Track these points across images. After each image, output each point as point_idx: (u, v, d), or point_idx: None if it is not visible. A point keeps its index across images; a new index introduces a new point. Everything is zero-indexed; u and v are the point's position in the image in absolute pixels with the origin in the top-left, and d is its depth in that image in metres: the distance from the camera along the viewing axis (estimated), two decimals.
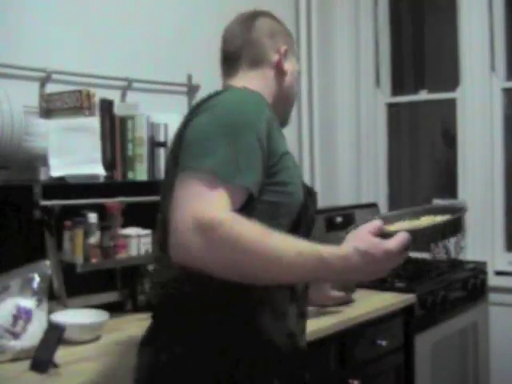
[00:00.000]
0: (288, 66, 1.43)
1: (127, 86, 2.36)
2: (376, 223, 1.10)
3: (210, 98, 1.24)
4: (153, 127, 2.19)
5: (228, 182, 1.09)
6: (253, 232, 1.05)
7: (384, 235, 1.09)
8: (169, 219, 1.09)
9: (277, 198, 1.22)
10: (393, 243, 1.05)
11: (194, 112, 1.23)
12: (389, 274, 1.14)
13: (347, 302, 2.19)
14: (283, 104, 1.43)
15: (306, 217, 1.32)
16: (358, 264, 1.05)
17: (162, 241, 1.22)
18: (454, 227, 1.17)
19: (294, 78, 1.45)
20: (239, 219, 1.06)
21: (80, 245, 1.98)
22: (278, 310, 1.27)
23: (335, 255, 1.06)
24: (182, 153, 1.16)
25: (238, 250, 1.03)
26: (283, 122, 1.44)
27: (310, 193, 1.37)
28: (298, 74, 1.51)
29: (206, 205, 1.05)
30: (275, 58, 1.41)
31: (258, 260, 1.04)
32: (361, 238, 1.07)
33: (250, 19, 1.44)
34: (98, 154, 2.01)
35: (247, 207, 1.14)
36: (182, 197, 1.08)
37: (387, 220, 1.20)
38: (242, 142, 1.13)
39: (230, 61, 1.44)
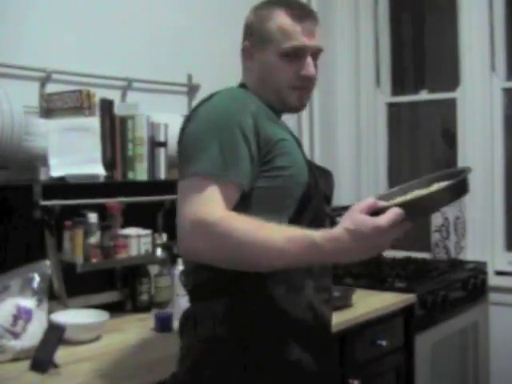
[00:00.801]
0: (256, 57, 1.42)
1: (127, 85, 2.36)
2: (367, 200, 1.11)
3: (198, 105, 1.34)
4: (153, 127, 2.19)
5: (217, 182, 1.19)
6: (244, 225, 1.14)
7: (379, 211, 1.09)
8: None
9: (275, 182, 1.30)
10: (383, 219, 1.06)
11: (187, 120, 1.34)
12: (390, 246, 1.14)
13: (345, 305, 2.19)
14: (268, 91, 1.41)
15: (315, 197, 1.37)
16: (349, 244, 1.07)
17: None
18: (458, 191, 1.14)
19: (266, 65, 1.40)
20: (231, 215, 1.16)
21: (80, 245, 1.98)
22: (295, 285, 1.33)
23: (325, 238, 1.09)
24: (179, 163, 1.29)
25: (232, 243, 1.13)
26: (285, 106, 1.43)
27: (323, 173, 1.47)
28: (292, 48, 1.38)
29: (199, 207, 1.16)
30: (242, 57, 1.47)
31: (251, 250, 1.13)
32: (350, 218, 1.09)
33: None
34: (98, 154, 2.01)
35: (246, 196, 1.25)
36: (180, 203, 1.20)
37: (393, 195, 1.20)
38: (226, 140, 1.23)
39: None
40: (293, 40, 1.38)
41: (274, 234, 1.13)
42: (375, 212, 1.09)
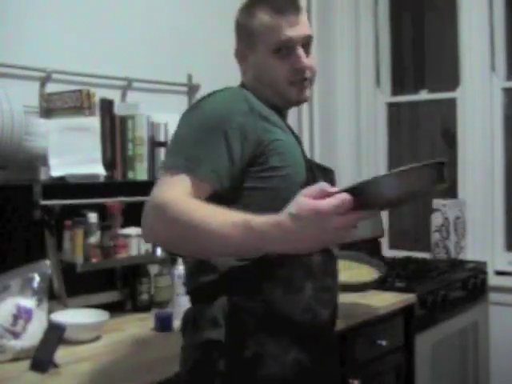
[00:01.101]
0: (249, 58, 1.42)
1: (127, 85, 2.36)
2: (317, 185, 1.00)
3: (195, 102, 1.35)
4: (153, 127, 2.19)
5: (187, 174, 1.19)
6: (188, 207, 1.11)
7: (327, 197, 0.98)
8: None
9: (270, 183, 1.29)
10: (324, 202, 0.95)
11: (180, 117, 1.34)
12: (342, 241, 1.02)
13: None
14: (266, 90, 1.40)
15: None
16: (291, 230, 0.98)
17: None
18: (415, 180, 0.98)
19: (260, 65, 1.39)
20: (185, 199, 1.14)
21: (80, 245, 1.98)
22: (294, 286, 1.32)
23: (266, 223, 1.01)
24: None
25: (181, 226, 1.10)
26: (286, 102, 1.43)
27: (324, 171, 1.46)
28: (285, 41, 1.36)
29: (159, 191, 1.17)
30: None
31: (193, 233, 1.09)
32: (295, 202, 0.99)
33: None
34: (98, 154, 2.02)
35: (238, 197, 1.26)
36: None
37: None
38: (205, 140, 1.23)
39: None
40: (278, 35, 1.36)
41: (220, 219, 1.07)
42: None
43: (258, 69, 1.41)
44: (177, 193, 1.15)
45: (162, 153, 2.19)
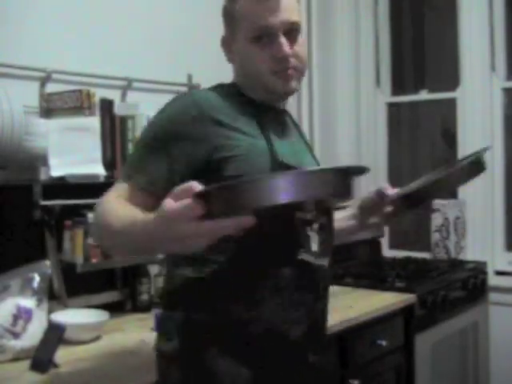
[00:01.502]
0: (233, 47, 1.34)
1: (127, 85, 2.36)
2: (186, 184, 0.91)
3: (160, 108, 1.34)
4: None
5: (127, 183, 1.23)
6: (109, 206, 1.15)
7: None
8: None
9: None
10: (173, 205, 0.89)
11: None
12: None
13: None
14: (252, 83, 1.31)
15: None
16: (152, 229, 0.95)
17: None
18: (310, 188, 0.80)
19: (243, 54, 1.31)
20: (109, 199, 1.19)
21: (80, 245, 1.98)
22: (255, 299, 1.24)
23: (143, 220, 1.00)
24: None
25: (98, 224, 1.16)
26: (273, 95, 1.32)
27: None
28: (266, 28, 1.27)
29: (103, 196, 1.22)
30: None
31: (109, 231, 1.11)
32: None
33: None
34: (98, 154, 2.02)
35: None
36: None
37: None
38: (147, 151, 1.24)
39: None
40: (256, 21, 1.26)
41: (125, 216, 1.08)
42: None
43: (241, 59, 1.32)
44: (110, 198, 1.20)
45: None
